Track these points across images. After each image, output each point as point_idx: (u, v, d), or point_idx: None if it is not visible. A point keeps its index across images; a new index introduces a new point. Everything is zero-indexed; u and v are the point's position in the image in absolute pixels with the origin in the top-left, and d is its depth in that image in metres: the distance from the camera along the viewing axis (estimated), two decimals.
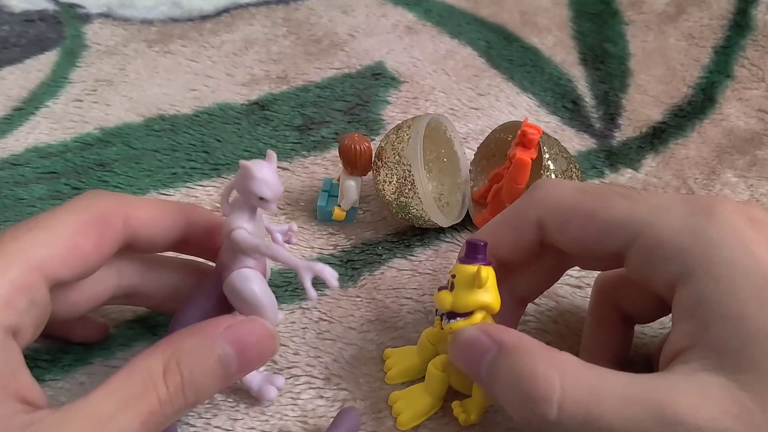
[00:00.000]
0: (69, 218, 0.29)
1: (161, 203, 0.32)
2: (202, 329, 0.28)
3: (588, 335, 0.35)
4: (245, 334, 0.28)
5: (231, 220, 0.30)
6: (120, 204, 0.30)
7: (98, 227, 0.29)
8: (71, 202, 0.30)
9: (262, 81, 0.54)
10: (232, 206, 0.30)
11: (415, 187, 0.39)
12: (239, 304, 0.30)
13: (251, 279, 0.30)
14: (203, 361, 0.27)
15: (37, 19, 0.60)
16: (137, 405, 0.26)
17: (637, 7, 0.63)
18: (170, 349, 0.27)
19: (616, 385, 0.26)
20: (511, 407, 0.27)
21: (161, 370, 0.26)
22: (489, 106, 0.53)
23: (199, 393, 0.27)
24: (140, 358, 0.27)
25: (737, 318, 0.25)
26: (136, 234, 0.31)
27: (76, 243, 0.28)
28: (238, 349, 0.28)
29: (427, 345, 0.34)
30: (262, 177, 0.28)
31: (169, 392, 0.26)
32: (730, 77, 0.56)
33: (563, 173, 0.40)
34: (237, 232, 0.29)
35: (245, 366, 0.29)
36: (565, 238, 0.30)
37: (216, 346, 0.28)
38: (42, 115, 0.51)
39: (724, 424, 0.24)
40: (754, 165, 0.48)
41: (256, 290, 0.30)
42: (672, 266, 0.27)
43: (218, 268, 0.31)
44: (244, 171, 0.29)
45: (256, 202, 0.29)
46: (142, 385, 0.26)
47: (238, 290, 0.30)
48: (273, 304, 0.30)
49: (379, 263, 0.41)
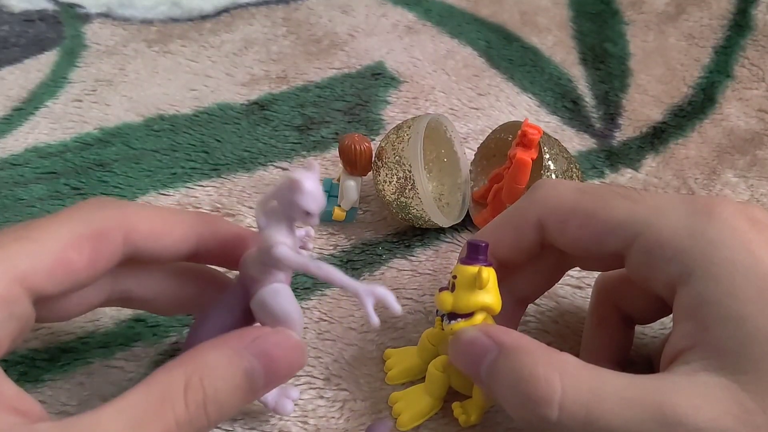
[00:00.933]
0: (63, 230, 0.27)
1: (172, 215, 0.30)
2: (227, 342, 0.27)
3: (588, 336, 0.35)
4: (272, 346, 0.27)
5: (270, 234, 0.28)
6: (123, 216, 0.28)
7: (94, 242, 0.27)
8: (70, 210, 0.28)
9: (261, 81, 0.54)
10: (267, 218, 0.28)
11: (415, 188, 0.39)
12: (269, 319, 0.29)
13: (283, 294, 0.28)
14: (229, 376, 0.26)
15: (36, 19, 0.60)
16: (150, 425, 0.24)
17: (637, 7, 0.63)
18: (193, 364, 0.26)
19: (617, 386, 0.26)
20: (512, 408, 0.27)
21: (182, 387, 0.25)
22: (489, 106, 0.53)
23: (222, 411, 0.26)
24: (159, 372, 0.25)
25: (737, 318, 0.25)
26: (139, 249, 0.29)
27: (66, 257, 0.26)
28: (265, 363, 0.27)
29: (428, 346, 0.34)
30: (310, 191, 0.27)
31: (189, 411, 0.25)
32: (731, 77, 0.55)
33: (564, 173, 0.40)
34: (280, 249, 0.27)
35: (272, 380, 0.27)
36: (566, 239, 0.30)
37: (242, 359, 0.26)
38: (41, 115, 0.50)
39: (724, 425, 0.24)
40: (755, 165, 0.48)
41: (288, 307, 0.28)
42: (672, 267, 0.27)
43: (243, 281, 0.30)
44: (292, 185, 0.27)
45: (300, 216, 0.28)
46: (158, 402, 0.24)
47: (269, 306, 0.28)
48: (302, 320, 0.29)
49: (380, 263, 0.41)
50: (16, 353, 0.35)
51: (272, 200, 0.28)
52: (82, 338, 0.36)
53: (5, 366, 0.34)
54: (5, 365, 0.34)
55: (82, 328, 0.37)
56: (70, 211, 0.28)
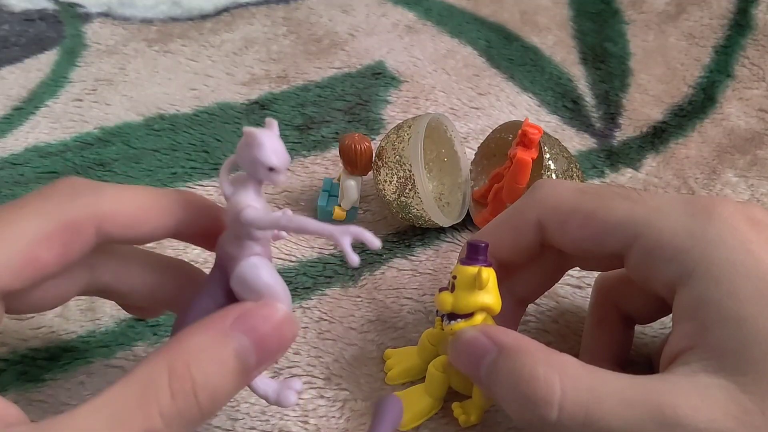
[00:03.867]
0: (30, 225, 0.25)
1: (148, 197, 0.28)
2: (211, 322, 0.25)
3: (588, 335, 0.35)
4: (260, 321, 0.25)
5: (237, 200, 0.26)
6: (95, 205, 0.27)
7: (64, 236, 0.26)
8: (38, 198, 0.26)
9: (262, 80, 0.54)
10: (233, 185, 0.27)
11: (415, 187, 0.39)
12: (252, 296, 0.27)
13: (261, 266, 0.27)
14: (218, 358, 0.24)
15: (36, 19, 0.60)
16: (131, 421, 0.22)
17: (637, 7, 0.63)
18: (175, 351, 0.24)
19: (616, 387, 0.26)
20: (511, 409, 0.27)
21: (165, 376, 0.23)
22: (489, 105, 0.53)
23: (216, 397, 0.24)
24: (141, 364, 0.23)
25: (737, 319, 0.25)
26: (113, 237, 0.27)
27: (35, 255, 0.25)
28: (255, 339, 0.25)
29: (428, 346, 0.34)
30: (270, 145, 0.25)
31: (176, 402, 0.23)
32: (731, 77, 0.55)
33: (564, 173, 0.40)
34: (249, 212, 0.26)
35: (265, 357, 0.25)
36: (565, 239, 0.30)
37: (231, 338, 0.24)
38: (42, 115, 0.50)
39: (724, 426, 0.24)
40: (755, 165, 0.48)
41: (269, 279, 0.26)
42: (672, 267, 0.27)
43: (221, 261, 0.28)
44: (249, 139, 0.26)
45: (263, 174, 0.26)
46: (139, 396, 0.23)
47: (250, 280, 0.26)
48: (287, 292, 0.27)
49: (380, 263, 0.41)
50: (17, 353, 0.35)
51: (234, 165, 0.27)
52: (83, 337, 0.36)
53: (5, 365, 0.35)
54: (5, 364, 0.35)
55: (83, 327, 0.37)
56: (38, 200, 0.26)
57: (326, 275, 0.40)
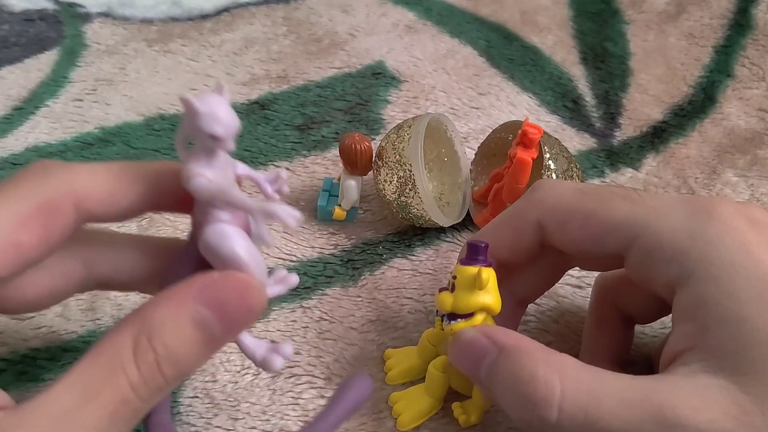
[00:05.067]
0: (6, 209, 0.25)
1: (122, 170, 0.28)
2: (172, 295, 0.25)
3: (588, 335, 0.35)
4: (222, 291, 0.25)
5: (186, 168, 0.25)
6: (69, 182, 0.26)
7: (42, 218, 0.25)
8: (12, 184, 0.26)
9: (262, 80, 0.54)
10: (188, 153, 0.26)
11: (415, 187, 0.39)
12: (219, 264, 0.26)
13: (228, 235, 0.25)
14: (178, 330, 0.24)
15: (36, 19, 0.60)
16: (103, 395, 0.23)
17: (637, 6, 0.63)
18: (138, 323, 0.24)
19: (616, 387, 0.26)
20: (511, 409, 0.27)
21: (131, 349, 0.23)
22: (489, 105, 0.53)
23: (179, 366, 0.24)
24: (106, 338, 0.24)
25: (737, 320, 0.25)
26: (92, 214, 0.27)
27: (16, 240, 0.25)
28: (217, 310, 0.25)
29: (428, 346, 0.34)
30: (209, 111, 0.24)
31: (142, 373, 0.23)
32: (731, 76, 0.55)
33: (564, 173, 0.40)
34: (193, 180, 0.25)
35: (230, 327, 0.25)
36: (565, 239, 0.30)
37: (189, 310, 0.24)
38: (42, 115, 0.50)
39: (724, 426, 0.24)
40: (755, 164, 0.48)
41: (233, 246, 0.25)
42: (671, 268, 0.27)
43: (192, 229, 0.27)
44: (187, 108, 0.24)
45: (208, 142, 0.25)
46: (108, 370, 0.23)
47: (213, 248, 0.25)
48: (258, 262, 0.26)
49: (380, 263, 0.41)
50: (17, 353, 0.35)
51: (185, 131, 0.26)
52: (83, 337, 0.36)
53: (5, 365, 0.35)
54: (5, 364, 0.35)
55: (83, 327, 0.37)
56: (13, 185, 0.26)
57: (327, 275, 0.40)
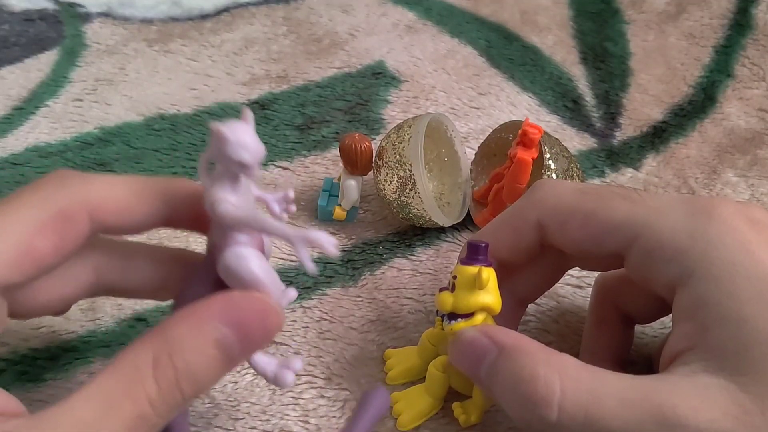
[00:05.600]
0: (24, 217, 0.26)
1: (137, 184, 0.29)
2: (194, 313, 0.25)
3: (588, 335, 0.35)
4: (243, 311, 0.26)
5: (212, 192, 0.26)
6: (86, 192, 0.27)
7: (58, 226, 0.26)
8: (30, 190, 0.27)
9: (262, 80, 0.54)
10: (212, 178, 0.27)
11: (415, 187, 0.39)
12: (237, 285, 0.27)
13: (246, 257, 0.26)
14: (199, 349, 0.24)
15: (37, 19, 0.60)
16: (122, 408, 0.23)
17: (637, 6, 0.63)
18: (159, 340, 0.24)
19: (616, 387, 0.26)
20: (511, 409, 0.27)
21: (150, 365, 0.24)
22: (489, 105, 0.53)
23: (198, 384, 0.25)
24: (126, 352, 0.24)
25: (737, 320, 0.25)
26: (106, 225, 0.28)
27: (31, 246, 0.25)
28: (237, 329, 0.25)
29: (428, 346, 0.34)
30: (237, 139, 0.25)
31: (161, 389, 0.24)
32: (731, 76, 0.55)
33: (564, 173, 0.40)
34: (220, 206, 0.26)
35: (248, 346, 0.26)
36: (565, 239, 0.30)
37: (211, 329, 0.25)
38: (42, 115, 0.50)
39: (724, 426, 0.24)
40: (755, 164, 0.48)
41: (252, 268, 0.26)
42: (672, 268, 0.27)
43: (209, 250, 0.28)
44: (216, 136, 0.25)
45: (236, 169, 0.26)
46: (128, 384, 0.24)
47: (233, 271, 0.26)
48: (275, 282, 0.27)
49: (380, 263, 0.41)
50: (17, 353, 0.35)
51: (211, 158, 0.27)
52: (84, 337, 0.36)
53: (5, 365, 0.35)
54: (5, 364, 0.35)
55: (84, 327, 0.37)
56: (30, 192, 0.27)
57: (327, 275, 0.40)
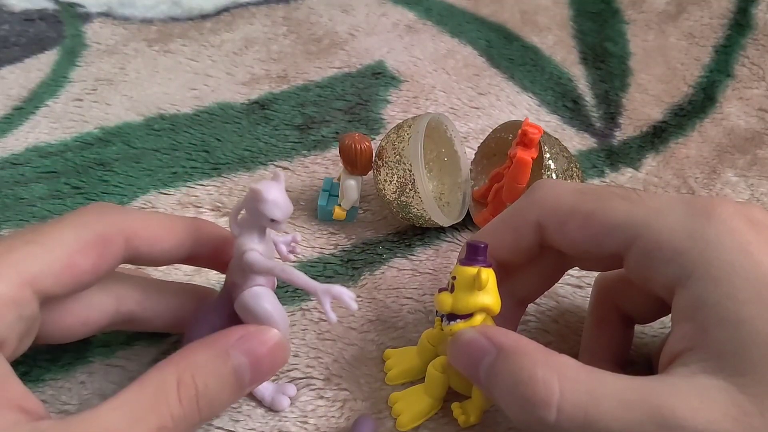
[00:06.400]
0: (68, 234, 0.28)
1: (168, 220, 0.32)
2: (215, 341, 0.28)
3: (588, 335, 0.35)
4: (257, 344, 0.29)
5: (242, 242, 0.30)
6: (124, 221, 0.30)
7: (98, 246, 0.29)
8: (74, 215, 0.30)
9: (262, 80, 0.54)
10: (240, 226, 0.30)
11: (415, 187, 0.39)
12: (252, 321, 0.30)
13: (263, 296, 0.30)
14: (218, 373, 0.27)
15: (37, 18, 0.60)
16: (148, 420, 0.25)
17: (637, 6, 0.63)
18: (184, 362, 0.27)
19: (615, 388, 0.26)
20: (510, 410, 0.27)
21: (175, 384, 0.26)
22: (489, 105, 0.53)
23: (213, 406, 0.27)
24: (153, 371, 0.27)
25: (736, 321, 0.25)
26: (139, 252, 0.30)
27: (73, 261, 0.28)
28: (251, 360, 0.28)
29: (427, 346, 0.34)
30: (273, 199, 0.29)
31: (183, 406, 0.26)
32: (731, 76, 0.55)
33: (564, 173, 0.40)
34: (250, 255, 0.29)
35: (258, 376, 0.29)
36: (564, 240, 0.30)
37: (230, 357, 0.28)
38: (42, 115, 0.50)
39: (723, 427, 0.24)
40: (755, 164, 0.48)
41: (268, 308, 0.30)
42: (671, 268, 0.27)
43: (228, 286, 0.31)
44: (254, 195, 0.29)
45: (266, 223, 0.29)
46: (154, 399, 0.26)
47: (251, 308, 0.30)
48: (285, 320, 0.31)
49: (380, 263, 0.41)
50: None
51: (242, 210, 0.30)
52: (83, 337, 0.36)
53: None
54: None
55: None
56: (75, 216, 0.29)
57: (326, 275, 0.40)
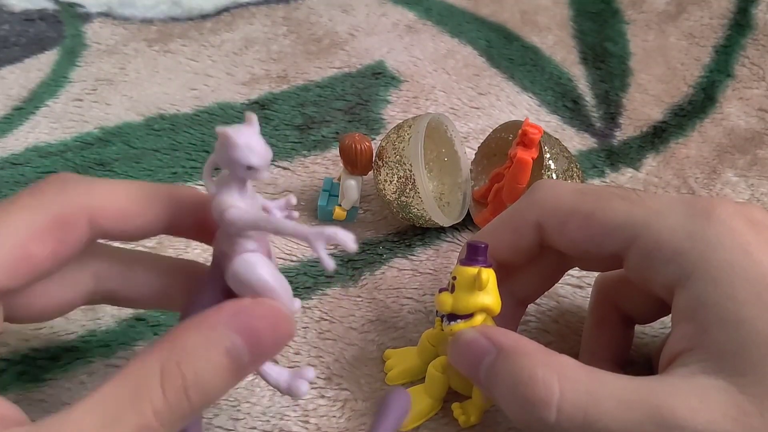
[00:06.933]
0: (21, 221, 0.25)
1: (138, 190, 0.28)
2: (203, 321, 0.25)
3: (588, 335, 0.35)
4: (254, 319, 0.25)
5: (220, 200, 0.26)
6: (86, 198, 0.26)
7: (56, 231, 0.25)
8: (28, 194, 0.26)
9: (262, 80, 0.54)
10: (217, 184, 0.26)
11: (415, 187, 0.39)
12: (248, 293, 0.26)
13: (256, 263, 0.26)
14: (209, 357, 0.24)
15: (37, 18, 0.60)
16: (126, 420, 0.22)
17: (637, 6, 0.63)
18: (167, 348, 0.24)
19: (615, 388, 0.26)
20: (510, 410, 0.27)
21: (158, 375, 0.23)
22: (489, 105, 0.53)
23: (207, 394, 0.24)
24: (134, 362, 0.24)
25: (736, 321, 0.25)
26: (106, 231, 0.27)
27: (27, 252, 0.25)
28: (248, 338, 0.24)
29: (428, 346, 0.34)
30: (245, 143, 0.25)
31: (167, 399, 0.23)
32: (731, 76, 0.55)
33: (564, 173, 0.40)
34: (229, 212, 0.25)
35: (260, 355, 0.25)
36: (564, 240, 0.30)
37: (222, 337, 0.24)
38: (42, 115, 0.50)
39: (722, 428, 0.24)
40: (755, 164, 0.48)
41: (264, 275, 0.26)
42: (671, 269, 0.27)
43: (216, 259, 0.28)
44: (223, 139, 0.25)
45: (243, 173, 0.25)
46: (132, 394, 0.23)
47: (244, 279, 0.26)
48: (286, 288, 0.27)
49: (380, 263, 0.41)
50: (17, 352, 0.35)
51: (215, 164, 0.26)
52: (83, 337, 0.36)
53: (6, 365, 0.35)
54: (6, 364, 0.35)
55: (84, 327, 0.37)
56: (28, 196, 0.26)
57: (327, 275, 0.40)
